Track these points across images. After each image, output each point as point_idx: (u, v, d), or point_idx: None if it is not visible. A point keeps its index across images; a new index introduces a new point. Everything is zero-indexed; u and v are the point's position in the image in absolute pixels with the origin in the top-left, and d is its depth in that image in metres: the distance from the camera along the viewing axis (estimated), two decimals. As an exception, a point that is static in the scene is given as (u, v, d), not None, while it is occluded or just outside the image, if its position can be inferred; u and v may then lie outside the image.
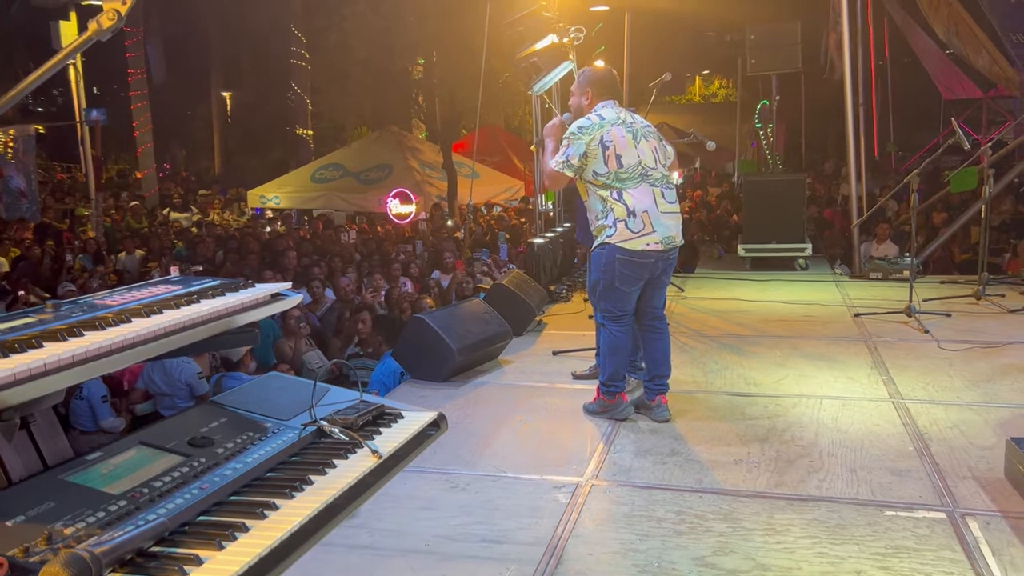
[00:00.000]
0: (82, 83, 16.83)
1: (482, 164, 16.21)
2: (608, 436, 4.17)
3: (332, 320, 7.77)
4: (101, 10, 1.49)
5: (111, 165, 27.00)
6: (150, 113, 20.99)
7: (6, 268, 10.94)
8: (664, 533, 3.12)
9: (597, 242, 4.21)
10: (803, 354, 5.60)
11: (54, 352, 1.43)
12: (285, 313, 6.48)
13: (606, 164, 4.07)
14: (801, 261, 9.35)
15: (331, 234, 12.81)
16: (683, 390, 4.80)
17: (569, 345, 5.83)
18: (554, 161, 4.18)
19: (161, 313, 1.71)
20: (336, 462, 1.73)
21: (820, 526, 3.13)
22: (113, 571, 1.24)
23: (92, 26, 1.42)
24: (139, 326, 1.63)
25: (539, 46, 6.76)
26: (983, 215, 7.29)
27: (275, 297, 2.02)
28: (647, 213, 4.06)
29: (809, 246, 9.40)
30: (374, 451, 1.78)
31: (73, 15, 14.59)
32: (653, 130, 4.34)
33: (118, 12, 1.40)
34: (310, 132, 22.71)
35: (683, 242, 4.29)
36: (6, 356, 1.37)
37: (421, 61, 16.05)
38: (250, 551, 1.36)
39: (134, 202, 18.63)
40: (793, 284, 8.44)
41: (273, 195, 16.58)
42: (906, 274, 7.40)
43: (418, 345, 5.24)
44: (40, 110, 29.65)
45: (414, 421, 2.01)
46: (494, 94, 14.45)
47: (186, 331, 1.72)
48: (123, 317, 1.65)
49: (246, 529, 1.42)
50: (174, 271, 2.29)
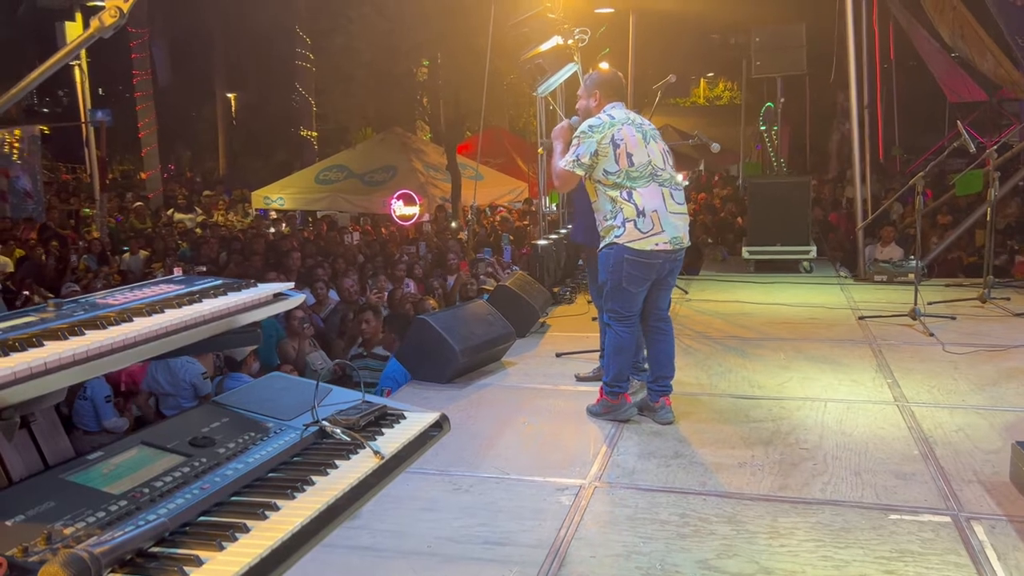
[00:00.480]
0: (87, 84, 16.87)
1: (486, 166, 16.23)
2: (611, 438, 4.15)
3: (336, 321, 7.77)
4: (104, 8, 1.49)
5: (116, 166, 27.06)
6: (155, 114, 21.04)
7: (10, 268, 10.97)
8: (668, 536, 3.10)
9: (605, 242, 4.20)
10: (807, 357, 5.58)
11: (55, 351, 1.42)
12: (289, 314, 6.48)
13: (617, 163, 4.06)
14: (805, 264, 9.33)
15: (335, 235, 12.82)
16: (687, 392, 4.78)
17: (573, 347, 5.82)
18: (564, 161, 4.16)
19: (163, 312, 1.70)
20: (338, 463, 1.72)
21: (824, 529, 3.12)
22: (113, 571, 1.23)
23: (94, 23, 1.41)
24: (140, 325, 1.62)
25: (544, 48, 6.76)
26: (988, 218, 7.27)
27: (277, 297, 2.01)
28: (656, 213, 4.05)
29: (814, 248, 9.38)
30: (376, 452, 1.77)
31: (78, 15, 14.65)
32: (658, 133, 4.36)
33: (120, 9, 1.40)
34: (314, 133, 22.75)
35: (690, 243, 4.29)
36: (6, 355, 1.37)
37: (425, 63, 16.06)
38: (251, 552, 1.35)
39: (138, 203, 18.68)
40: (797, 287, 8.42)
41: (277, 196, 16.60)
42: (911, 277, 7.37)
43: (421, 346, 5.24)
44: (45, 111, 29.75)
45: (416, 422, 2.00)
46: (498, 96, 14.47)
47: (188, 330, 1.71)
48: (125, 316, 1.64)
49: (247, 530, 1.41)
50: (177, 271, 2.29)
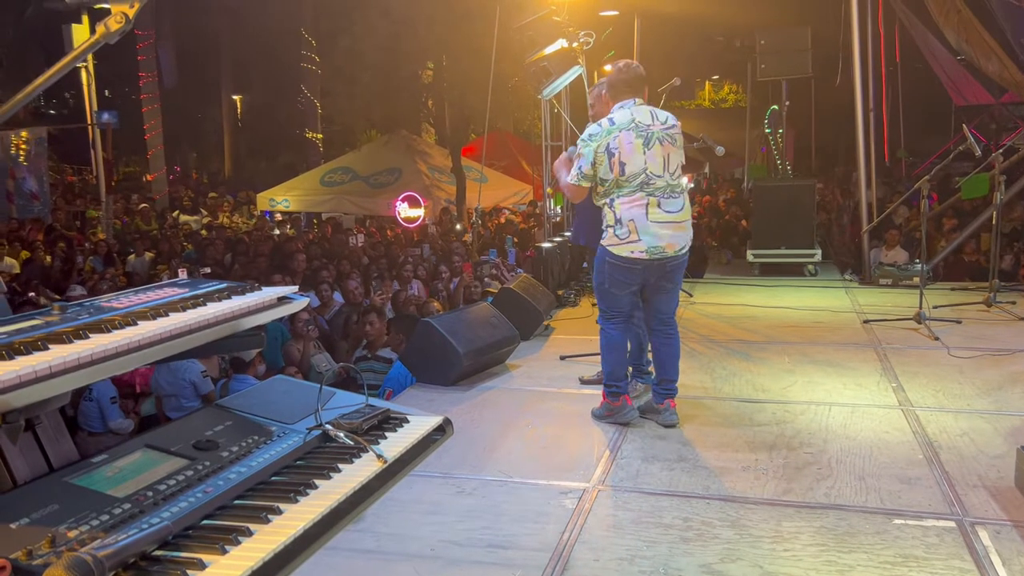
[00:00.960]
0: (94, 86, 16.95)
1: (491, 168, 16.24)
2: (615, 442, 4.15)
3: (340, 323, 7.78)
4: (109, 12, 1.50)
5: (121, 168, 27.15)
6: (161, 116, 21.11)
7: (16, 270, 11.00)
8: (671, 540, 3.10)
9: (600, 243, 4.31)
10: (812, 360, 5.57)
11: (59, 354, 1.42)
12: (294, 316, 6.49)
13: (611, 171, 4.10)
14: (810, 267, 9.31)
15: (340, 237, 12.84)
16: (691, 396, 4.78)
17: (577, 350, 5.81)
18: (570, 176, 4.27)
19: (167, 316, 1.71)
20: (341, 466, 1.72)
21: (828, 534, 3.11)
22: (116, 574, 1.24)
23: (100, 29, 1.42)
24: (145, 329, 1.63)
25: (549, 50, 6.77)
26: (994, 221, 7.25)
27: (281, 300, 2.01)
28: (633, 222, 4.08)
29: (819, 252, 9.37)
30: (379, 455, 1.77)
31: (85, 18, 14.71)
32: (673, 134, 4.19)
33: (126, 15, 1.40)
34: (320, 136, 22.77)
35: (680, 252, 4.18)
36: (11, 358, 1.37)
37: (430, 66, 16.08)
38: (254, 555, 1.35)
39: (143, 204, 18.73)
40: (802, 290, 8.41)
41: (283, 198, 16.63)
42: (916, 280, 7.36)
43: (425, 349, 5.24)
44: (52, 112, 29.84)
45: (420, 425, 2.00)
46: (503, 98, 14.45)
47: (192, 334, 1.71)
48: (129, 320, 1.64)
49: (250, 533, 1.42)
50: (182, 273, 2.29)
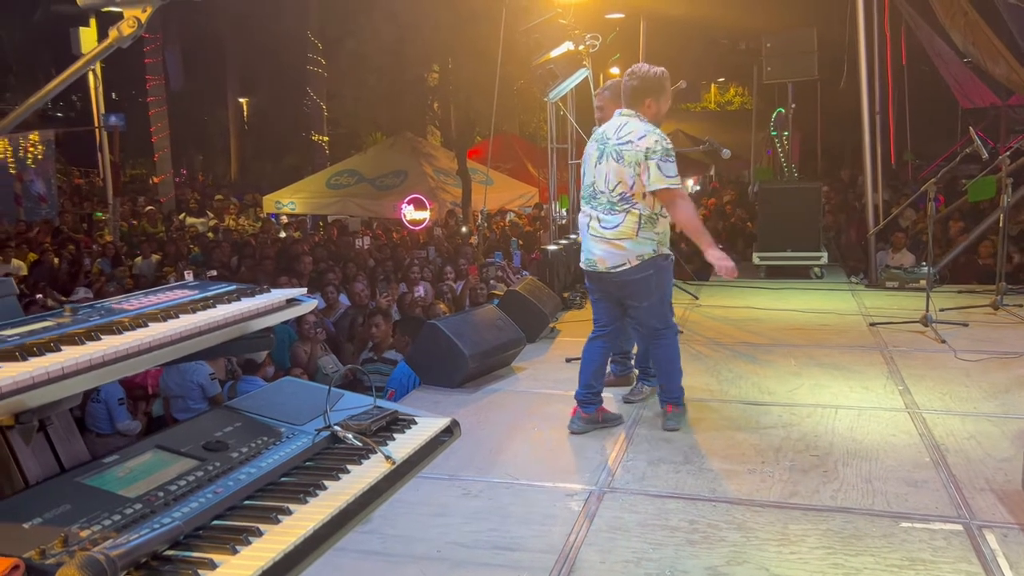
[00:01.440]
0: (101, 89, 17.01)
1: (496, 171, 16.26)
2: (621, 444, 4.15)
3: (346, 325, 7.80)
4: (120, 17, 1.51)
5: (128, 170, 27.24)
6: (167, 119, 21.18)
7: (24, 271, 11.06)
8: (677, 542, 3.10)
9: None
10: (818, 363, 5.57)
11: (72, 356, 1.44)
12: (301, 318, 6.51)
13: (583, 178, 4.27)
14: (816, 269, 9.30)
15: (346, 240, 12.87)
16: (697, 398, 4.78)
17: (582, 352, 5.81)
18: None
19: (177, 318, 1.72)
20: (350, 467, 1.73)
21: (835, 537, 3.11)
22: (128, 574, 1.25)
23: (113, 33, 1.43)
24: (156, 330, 1.64)
25: (555, 53, 6.79)
26: (1001, 224, 7.23)
27: (290, 302, 2.03)
28: (580, 235, 4.28)
29: (825, 254, 9.35)
30: (387, 457, 1.78)
31: (93, 21, 14.77)
32: (622, 150, 3.96)
33: (138, 19, 1.41)
34: (326, 138, 22.83)
35: (614, 270, 4.05)
36: (25, 359, 1.38)
37: (436, 68, 16.11)
38: (264, 556, 1.36)
39: (149, 207, 18.80)
40: (808, 292, 8.40)
41: (289, 201, 16.68)
42: (923, 283, 7.34)
43: (431, 351, 5.25)
44: (59, 115, 29.96)
45: (427, 427, 2.01)
46: (509, 101, 14.48)
47: (202, 335, 1.72)
48: (140, 321, 1.66)
49: (260, 534, 1.43)
50: (188, 276, 2.31)
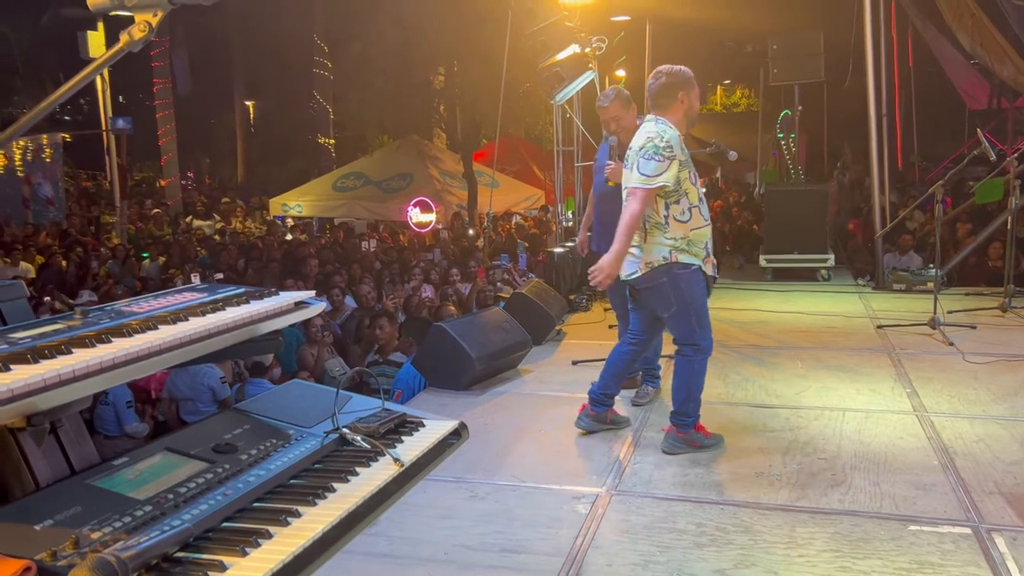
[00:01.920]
0: (108, 92, 17.09)
1: (502, 173, 16.26)
2: (628, 447, 4.15)
3: (352, 327, 7.81)
4: (130, 21, 1.51)
5: (136, 173, 27.35)
6: (174, 122, 21.26)
7: (32, 274, 11.11)
8: (684, 545, 3.10)
9: None
10: (825, 366, 5.55)
11: (83, 358, 1.44)
12: (308, 321, 6.52)
13: None
14: (823, 272, 9.28)
15: (353, 242, 12.89)
16: (704, 402, 4.73)
17: (589, 355, 5.81)
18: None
19: (187, 320, 1.72)
20: (358, 470, 1.74)
21: (843, 540, 3.10)
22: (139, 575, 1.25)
23: (124, 38, 1.43)
24: (165, 333, 1.64)
25: (561, 56, 6.79)
26: (1009, 226, 7.20)
27: (298, 305, 2.03)
28: None
29: (832, 257, 9.33)
30: (396, 459, 1.78)
31: (100, 25, 14.83)
32: (630, 153, 3.92)
33: (149, 24, 1.42)
34: (332, 141, 22.87)
35: (628, 277, 4.00)
36: (36, 362, 1.39)
37: (442, 71, 16.14)
38: (274, 558, 1.36)
39: (156, 210, 18.86)
40: (815, 295, 8.38)
41: (295, 203, 16.71)
42: (930, 286, 7.32)
43: (438, 353, 5.26)
44: (67, 119, 30.07)
45: (436, 430, 2.01)
46: (515, 104, 14.50)
47: (211, 338, 1.73)
48: (150, 324, 1.66)
49: (269, 536, 1.43)
50: (195, 278, 2.32)
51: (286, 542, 1.42)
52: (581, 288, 8.12)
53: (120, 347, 1.52)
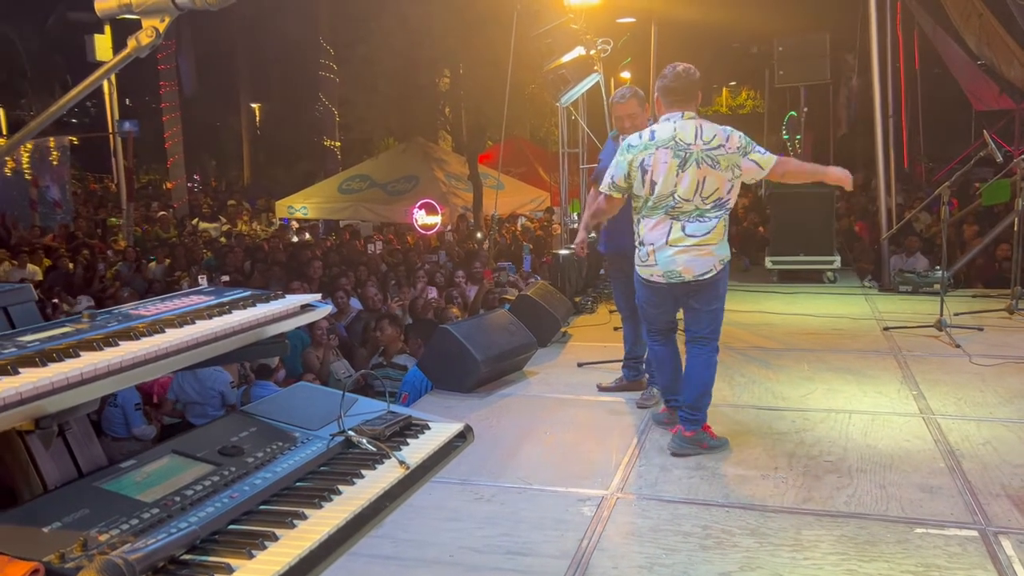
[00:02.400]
0: (115, 95, 17.19)
1: (507, 175, 16.28)
2: (634, 449, 4.15)
3: (358, 330, 7.82)
4: (136, 24, 1.52)
5: (142, 176, 27.45)
6: (181, 125, 21.33)
7: (39, 277, 11.15)
8: (690, 548, 3.10)
9: None
10: (831, 368, 5.54)
11: (90, 362, 1.45)
12: (313, 324, 6.54)
13: (643, 187, 3.94)
14: (829, 274, 9.26)
15: (358, 244, 12.92)
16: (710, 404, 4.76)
17: (594, 357, 5.82)
18: (603, 184, 4.11)
19: (194, 324, 1.73)
20: (364, 472, 1.74)
21: (849, 543, 3.09)
22: (146, 578, 1.26)
23: (131, 43, 1.44)
24: (172, 336, 1.65)
25: (566, 58, 6.80)
26: (1016, 228, 7.18)
27: (305, 308, 2.03)
28: (653, 247, 3.95)
29: (838, 258, 9.31)
30: (401, 462, 1.79)
31: (107, 28, 14.91)
32: (715, 155, 3.85)
33: (156, 29, 1.42)
34: (338, 143, 22.92)
35: (701, 277, 3.91)
36: (45, 365, 1.40)
37: (448, 73, 16.16)
38: (280, 560, 1.37)
39: (162, 212, 18.92)
40: (821, 297, 8.36)
41: (301, 206, 16.75)
42: (936, 287, 7.30)
43: (443, 355, 5.26)
44: (74, 121, 30.23)
45: (441, 432, 2.02)
46: (520, 106, 14.50)
47: (218, 341, 1.73)
48: (157, 327, 1.67)
49: (276, 538, 1.43)
50: (202, 280, 2.33)
51: (292, 544, 1.43)
52: (586, 290, 8.12)
53: (127, 350, 1.53)
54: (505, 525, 3.33)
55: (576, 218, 9.58)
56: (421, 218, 14.97)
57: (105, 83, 16.21)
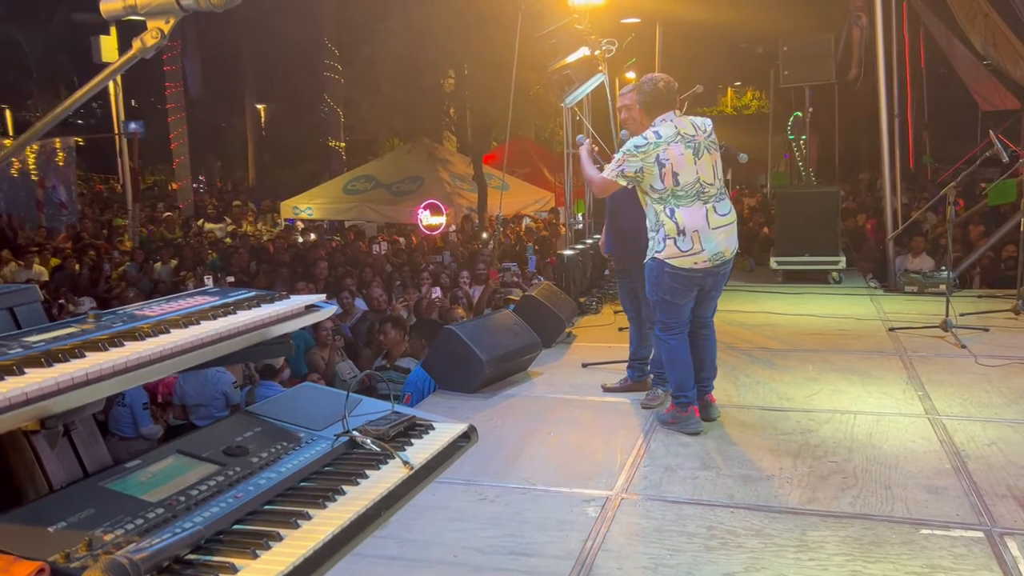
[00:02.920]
0: (121, 96, 17.21)
1: (512, 176, 16.28)
2: (638, 450, 4.15)
3: (363, 330, 7.83)
4: (141, 25, 1.53)
5: (148, 176, 27.52)
6: (186, 125, 21.38)
7: (45, 277, 11.19)
8: (695, 549, 3.09)
9: (649, 254, 4.26)
10: (836, 368, 5.53)
11: (96, 362, 1.45)
12: (318, 324, 6.55)
13: (662, 181, 4.10)
14: (835, 274, 9.24)
15: (363, 245, 12.93)
16: (714, 404, 4.75)
17: (598, 357, 5.81)
18: (607, 171, 4.24)
19: (198, 324, 1.73)
20: (368, 473, 1.74)
21: (854, 543, 3.09)
22: (150, 577, 1.26)
23: (136, 44, 1.44)
24: (177, 337, 1.65)
25: (571, 59, 6.79)
26: (1022, 228, 7.15)
27: (309, 309, 2.04)
28: (697, 233, 4.10)
29: (843, 259, 9.29)
30: (405, 462, 1.79)
31: (113, 29, 14.93)
32: (714, 140, 4.26)
33: (161, 31, 1.43)
34: (342, 144, 22.96)
35: (734, 255, 4.26)
36: (50, 365, 1.40)
37: (452, 74, 16.17)
38: (284, 560, 1.37)
39: (168, 213, 18.96)
40: (826, 297, 8.35)
41: (306, 206, 16.78)
42: (942, 288, 7.28)
43: (448, 356, 5.26)
44: (80, 122, 30.33)
45: (445, 432, 2.02)
46: (524, 106, 14.51)
47: (222, 342, 1.74)
48: (162, 328, 1.67)
49: (280, 538, 1.44)
50: (208, 281, 2.33)
51: (296, 544, 1.43)
52: (591, 290, 8.12)
53: (132, 351, 1.54)
54: (509, 526, 3.33)
55: (580, 219, 9.58)
56: (426, 218, 14.98)
57: (111, 84, 16.28)
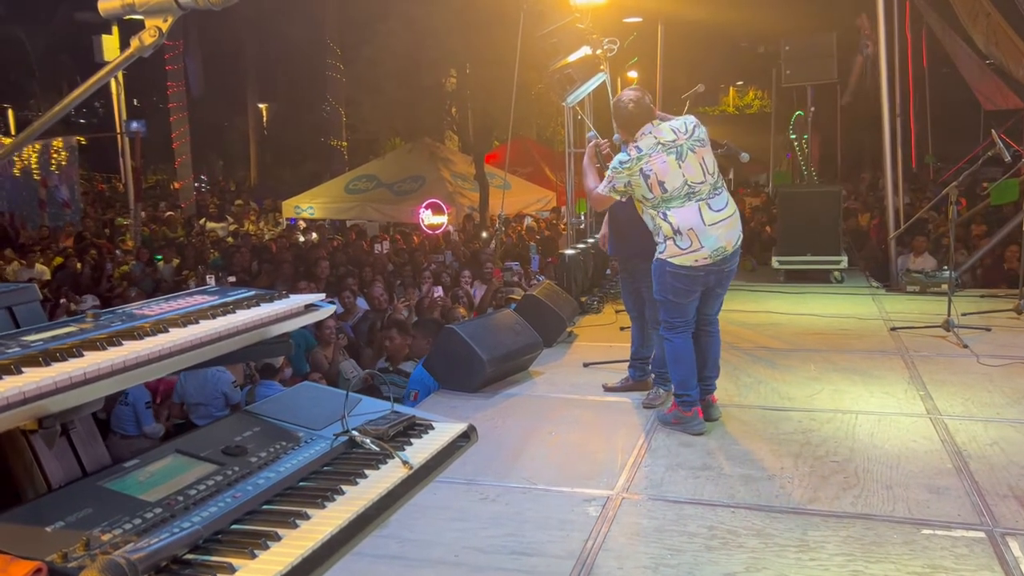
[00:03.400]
0: (123, 95, 17.24)
1: (514, 175, 16.28)
2: (639, 449, 4.14)
3: (365, 329, 7.83)
4: (142, 25, 1.52)
5: (150, 176, 27.54)
6: (188, 125, 21.39)
7: (48, 276, 11.20)
8: (696, 548, 3.09)
9: (655, 256, 4.30)
10: (838, 368, 5.52)
11: (94, 361, 1.45)
12: (321, 323, 6.55)
13: (651, 191, 4.16)
14: (836, 274, 9.23)
15: (364, 244, 12.93)
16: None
17: (600, 357, 5.81)
18: (600, 187, 4.34)
19: (197, 323, 1.73)
20: (367, 472, 1.74)
21: (855, 543, 3.08)
22: (148, 577, 1.26)
23: (134, 43, 1.44)
24: (176, 336, 1.65)
25: (573, 58, 6.78)
26: (1024, 228, 7.15)
27: (309, 308, 2.03)
28: (692, 231, 4.11)
29: (845, 258, 9.27)
30: (405, 462, 1.79)
31: (115, 28, 14.95)
32: (699, 137, 4.21)
33: (159, 29, 1.42)
34: (344, 143, 22.96)
35: (737, 248, 4.25)
36: (48, 364, 1.40)
37: (454, 74, 16.17)
38: (282, 560, 1.37)
39: (170, 212, 18.98)
40: (828, 297, 8.34)
41: (308, 206, 16.78)
42: (944, 287, 7.26)
43: (449, 355, 5.26)
44: (82, 121, 30.36)
45: (445, 432, 2.01)
46: (526, 106, 14.50)
47: (222, 341, 1.73)
48: (160, 327, 1.67)
49: (278, 538, 1.43)
50: (210, 280, 2.33)
51: (295, 544, 1.43)
52: (592, 290, 8.11)
53: (131, 350, 1.53)
54: (510, 525, 3.33)
55: (583, 217, 9.57)
56: (427, 218, 14.98)
57: (112, 83, 16.31)
